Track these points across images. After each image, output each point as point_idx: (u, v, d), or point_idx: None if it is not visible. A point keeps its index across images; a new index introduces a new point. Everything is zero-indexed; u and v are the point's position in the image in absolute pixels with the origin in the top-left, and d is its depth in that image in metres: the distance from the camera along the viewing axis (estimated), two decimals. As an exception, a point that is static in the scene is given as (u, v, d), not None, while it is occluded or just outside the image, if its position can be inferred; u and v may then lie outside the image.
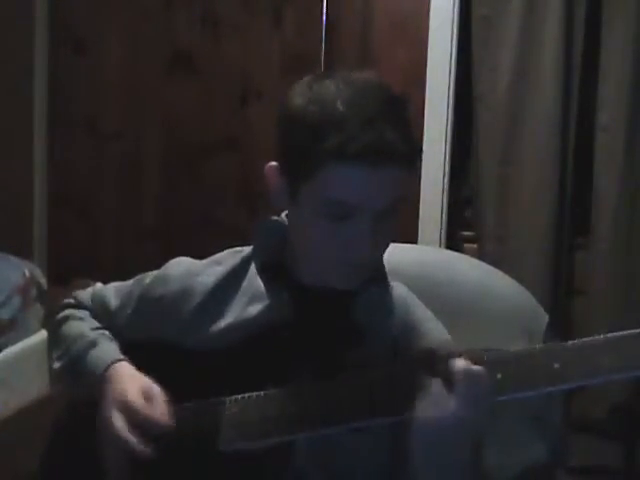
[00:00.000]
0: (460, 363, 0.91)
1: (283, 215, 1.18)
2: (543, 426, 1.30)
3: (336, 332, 1.10)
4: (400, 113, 1.02)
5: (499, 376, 0.92)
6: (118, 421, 1.07)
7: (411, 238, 2.78)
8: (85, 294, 1.31)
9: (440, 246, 2.80)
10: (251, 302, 1.14)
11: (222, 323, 1.14)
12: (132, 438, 1.05)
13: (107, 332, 1.24)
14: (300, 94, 1.04)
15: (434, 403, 0.90)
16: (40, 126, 3.15)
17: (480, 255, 2.71)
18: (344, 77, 1.04)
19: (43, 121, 3.16)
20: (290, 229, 1.14)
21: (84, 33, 3.11)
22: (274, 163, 1.08)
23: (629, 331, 0.90)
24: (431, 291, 1.27)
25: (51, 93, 3.16)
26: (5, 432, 2.34)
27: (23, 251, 2.91)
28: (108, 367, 1.15)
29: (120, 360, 1.16)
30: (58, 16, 3.12)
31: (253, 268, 1.17)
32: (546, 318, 1.34)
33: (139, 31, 3.05)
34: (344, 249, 1.03)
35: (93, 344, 1.19)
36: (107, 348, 1.19)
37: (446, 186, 2.82)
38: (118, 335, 1.23)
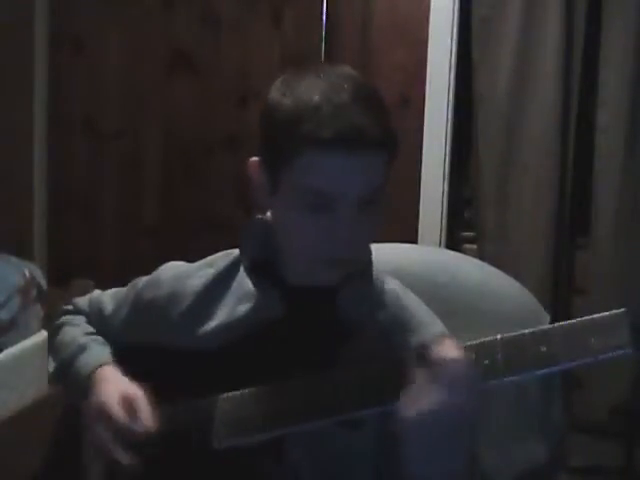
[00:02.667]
0: (438, 350, 0.91)
1: (268, 214, 1.18)
2: (543, 426, 1.30)
3: (324, 329, 1.10)
4: (373, 101, 1.04)
5: (486, 362, 0.92)
6: (99, 429, 1.09)
7: (411, 238, 2.78)
8: (83, 300, 1.32)
9: (440, 246, 2.80)
10: (240, 302, 1.14)
11: (212, 324, 1.14)
12: (112, 448, 1.07)
13: (100, 337, 1.25)
14: (276, 89, 1.08)
15: (419, 393, 0.90)
16: (40, 126, 3.15)
17: (480, 255, 2.71)
18: (317, 70, 1.07)
19: (43, 121, 3.16)
20: (274, 225, 1.14)
21: (84, 33, 3.11)
22: (256, 158, 1.10)
23: (613, 311, 0.90)
24: (432, 291, 1.27)
25: (51, 93, 3.15)
26: (5, 432, 2.34)
27: (23, 251, 2.91)
28: (93, 371, 1.16)
29: (106, 364, 1.17)
30: (58, 16, 3.11)
31: (243, 267, 1.18)
32: (547, 318, 1.34)
33: (139, 31, 3.05)
34: (326, 241, 1.03)
35: (82, 349, 1.21)
36: (95, 352, 1.20)
37: (446, 186, 2.82)
38: (113, 339, 1.24)
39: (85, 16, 3.10)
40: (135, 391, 1.10)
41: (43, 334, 2.66)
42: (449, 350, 0.91)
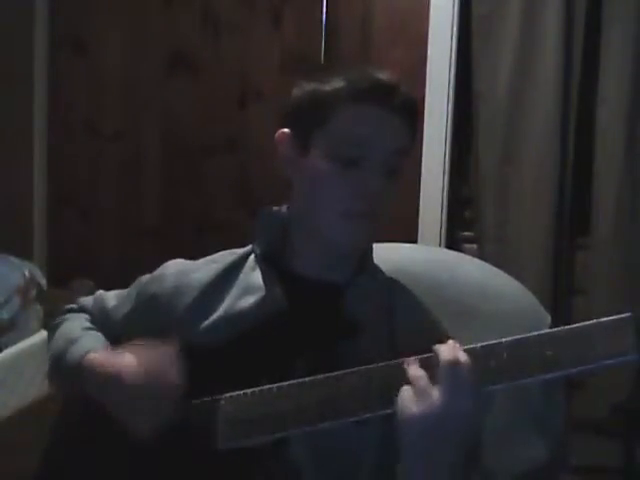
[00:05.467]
0: (443, 352, 0.91)
1: (284, 208, 1.19)
2: (543, 426, 1.30)
3: (330, 324, 1.10)
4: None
5: (493, 364, 0.92)
6: (136, 372, 1.04)
7: (411, 238, 2.78)
8: (87, 299, 1.32)
9: (440, 246, 2.80)
10: (244, 294, 1.14)
11: (216, 316, 1.14)
12: (162, 373, 1.03)
13: (93, 331, 1.24)
14: (302, 84, 1.14)
15: (418, 395, 0.90)
16: (40, 126, 3.15)
17: (480, 255, 2.71)
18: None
19: (43, 121, 3.16)
20: (297, 193, 1.15)
21: (84, 33, 3.11)
22: (285, 129, 1.14)
23: (618, 315, 0.90)
24: (433, 291, 1.27)
25: (51, 93, 3.15)
26: (5, 432, 2.34)
27: (23, 251, 2.91)
28: (81, 358, 1.14)
29: (95, 350, 1.15)
30: (58, 16, 3.11)
31: (249, 263, 1.19)
32: (548, 318, 1.34)
33: (139, 31, 3.05)
34: (355, 193, 1.07)
35: (73, 341, 1.20)
36: (85, 342, 1.19)
37: (446, 186, 2.82)
38: (117, 336, 1.23)
39: (85, 17, 3.10)
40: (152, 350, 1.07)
41: (43, 334, 2.66)
42: (453, 352, 0.91)
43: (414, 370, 0.92)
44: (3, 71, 3.05)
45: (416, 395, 0.90)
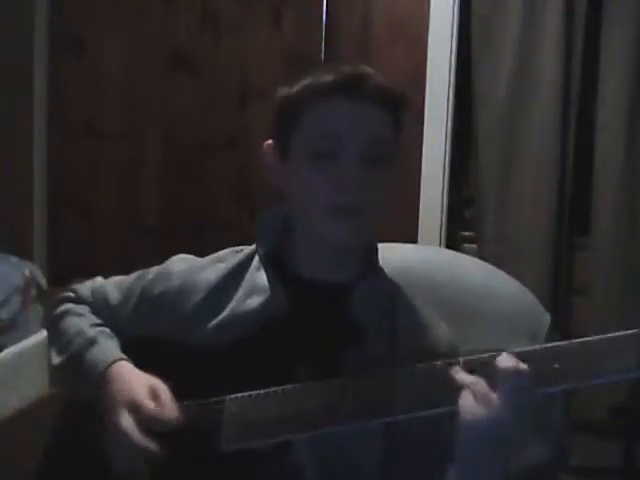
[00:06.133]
0: (507, 360, 0.91)
1: (286, 209, 1.19)
2: (543, 426, 1.30)
3: (335, 326, 1.10)
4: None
5: None
6: (126, 421, 1.07)
7: (411, 238, 2.78)
8: (85, 288, 1.30)
9: (440, 246, 2.80)
10: (249, 296, 1.14)
11: (222, 318, 1.14)
12: (141, 437, 1.05)
13: (107, 329, 1.23)
14: (283, 86, 1.15)
15: (479, 400, 0.90)
16: (40, 126, 3.15)
17: (480, 255, 2.71)
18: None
19: (43, 121, 3.16)
20: (288, 199, 1.15)
21: (84, 33, 3.11)
22: (269, 140, 1.16)
23: (629, 331, 0.90)
24: (433, 291, 1.27)
25: (51, 93, 3.15)
26: (5, 432, 2.34)
27: (23, 251, 2.91)
28: (108, 366, 1.15)
29: (120, 359, 1.16)
30: (58, 16, 3.12)
31: (254, 263, 1.18)
32: (548, 318, 1.34)
33: (139, 31, 3.05)
34: (334, 189, 1.06)
35: (92, 342, 1.19)
36: (107, 346, 1.19)
37: (446, 186, 2.82)
38: (119, 331, 1.23)
39: (85, 17, 3.10)
40: (160, 384, 1.09)
41: (43, 334, 2.66)
42: (514, 362, 0.91)
43: (467, 376, 0.93)
44: (3, 71, 3.05)
45: (477, 400, 0.91)
